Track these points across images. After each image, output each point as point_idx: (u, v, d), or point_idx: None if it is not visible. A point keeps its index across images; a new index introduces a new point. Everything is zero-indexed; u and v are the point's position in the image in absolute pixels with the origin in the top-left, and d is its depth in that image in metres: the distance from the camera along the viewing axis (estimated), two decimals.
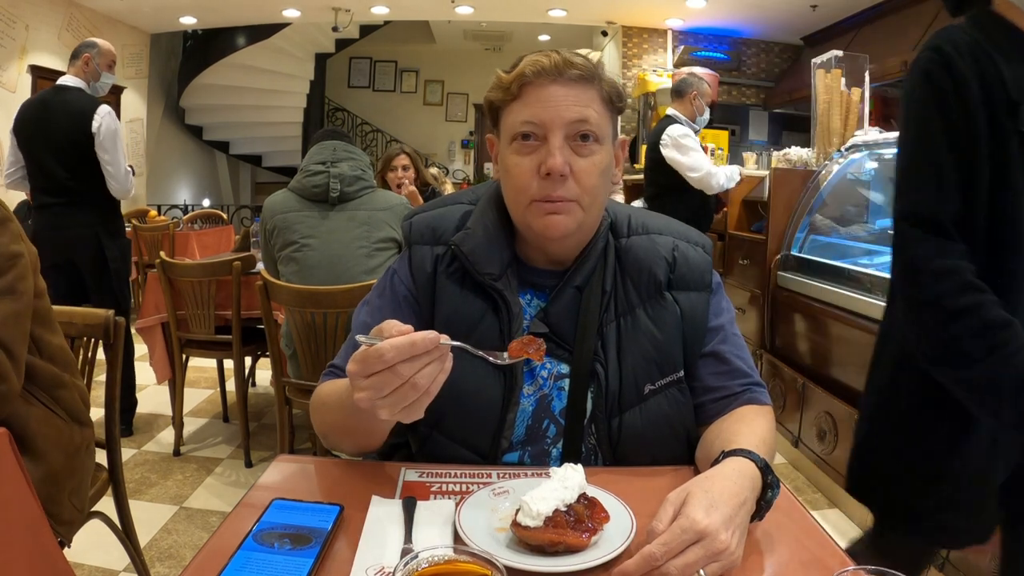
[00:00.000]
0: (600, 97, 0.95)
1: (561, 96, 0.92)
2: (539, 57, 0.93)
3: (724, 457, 0.81)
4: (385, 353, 0.73)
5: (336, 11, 7.27)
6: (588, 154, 0.94)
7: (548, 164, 0.91)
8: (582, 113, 0.93)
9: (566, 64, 0.92)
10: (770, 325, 3.27)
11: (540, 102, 0.93)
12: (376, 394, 0.74)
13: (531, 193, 0.94)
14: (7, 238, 1.26)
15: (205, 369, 4.01)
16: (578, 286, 1.00)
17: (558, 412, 0.99)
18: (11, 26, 5.90)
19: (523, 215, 0.97)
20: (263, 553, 0.69)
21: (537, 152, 0.93)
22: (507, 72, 0.96)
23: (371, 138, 11.36)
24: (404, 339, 0.73)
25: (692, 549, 0.67)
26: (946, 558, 1.90)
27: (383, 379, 0.74)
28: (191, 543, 2.24)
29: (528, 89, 0.94)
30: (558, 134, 0.92)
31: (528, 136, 0.94)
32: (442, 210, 1.07)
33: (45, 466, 1.30)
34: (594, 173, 0.94)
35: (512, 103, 0.95)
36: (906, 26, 5.52)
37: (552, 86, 0.93)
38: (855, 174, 3.15)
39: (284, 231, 2.35)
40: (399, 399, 0.75)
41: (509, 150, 0.96)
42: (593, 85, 0.95)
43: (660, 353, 0.99)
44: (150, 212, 6.50)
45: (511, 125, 0.95)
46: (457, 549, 0.60)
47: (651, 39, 7.46)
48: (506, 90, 0.95)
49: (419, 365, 0.74)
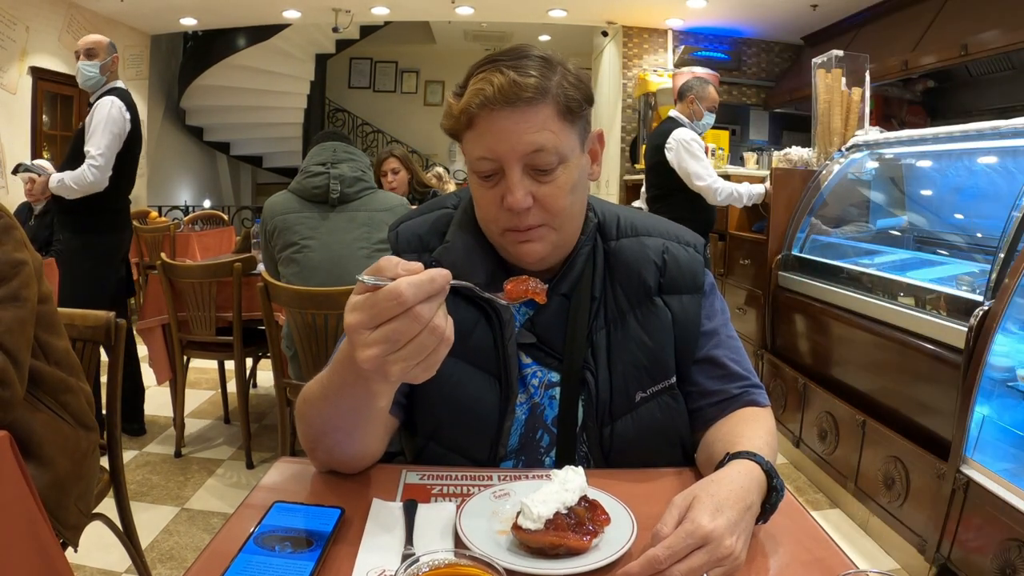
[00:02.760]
0: (556, 112, 0.88)
1: (512, 125, 0.86)
2: (482, 84, 0.86)
3: (729, 459, 0.80)
4: (403, 292, 0.62)
5: (336, 12, 7.27)
6: (551, 180, 0.89)
7: (508, 201, 0.88)
8: (536, 142, 0.86)
9: (512, 87, 0.85)
10: (771, 325, 3.27)
11: (492, 134, 0.87)
12: (390, 347, 0.63)
13: (500, 224, 0.92)
14: (11, 246, 1.27)
15: (206, 370, 4.02)
16: (565, 293, 0.98)
17: (550, 421, 0.98)
18: (11, 28, 5.91)
19: (499, 241, 0.95)
20: (264, 556, 0.69)
21: (498, 185, 0.90)
22: (456, 95, 0.90)
23: (372, 139, 11.36)
24: (423, 275, 0.64)
25: (696, 554, 0.66)
26: (947, 558, 1.90)
27: (399, 326, 0.63)
28: (192, 545, 2.24)
29: (478, 120, 0.88)
30: (515, 167, 0.87)
31: (487, 173, 0.90)
32: (427, 216, 1.05)
33: (52, 472, 1.30)
34: (560, 196, 0.90)
35: (466, 132, 0.90)
36: (906, 26, 5.52)
37: (500, 115, 0.86)
38: (856, 174, 3.15)
39: (284, 232, 2.35)
40: (417, 350, 0.64)
41: (473, 180, 0.93)
42: (546, 101, 0.87)
43: (651, 360, 0.98)
44: (151, 213, 6.51)
45: (469, 156, 0.91)
46: (458, 553, 0.60)
47: (651, 39, 7.46)
48: (456, 119, 0.90)
49: (436, 306, 0.64)
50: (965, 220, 2.76)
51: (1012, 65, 4.71)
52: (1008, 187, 2.21)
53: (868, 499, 2.35)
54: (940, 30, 5.03)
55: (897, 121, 6.04)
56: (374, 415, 0.83)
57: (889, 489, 2.22)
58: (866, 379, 2.54)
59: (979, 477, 1.82)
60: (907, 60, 5.23)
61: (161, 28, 7.99)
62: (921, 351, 2.18)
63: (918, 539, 2.05)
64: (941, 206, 2.92)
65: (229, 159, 10.55)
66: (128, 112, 2.92)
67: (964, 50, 4.64)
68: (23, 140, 6.18)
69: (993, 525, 1.73)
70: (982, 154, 2.49)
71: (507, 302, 0.75)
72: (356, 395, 0.76)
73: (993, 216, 2.28)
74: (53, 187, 2.89)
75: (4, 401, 1.18)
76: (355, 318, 0.65)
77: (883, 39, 5.75)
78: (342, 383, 0.76)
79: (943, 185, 2.91)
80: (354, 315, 0.65)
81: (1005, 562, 1.67)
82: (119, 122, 2.88)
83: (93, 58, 2.93)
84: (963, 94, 5.65)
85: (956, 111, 5.62)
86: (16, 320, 1.23)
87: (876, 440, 2.33)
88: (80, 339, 1.62)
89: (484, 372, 0.96)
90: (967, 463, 1.87)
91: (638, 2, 6.75)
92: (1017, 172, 2.28)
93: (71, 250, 2.98)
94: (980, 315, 1.87)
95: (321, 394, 0.81)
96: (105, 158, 2.84)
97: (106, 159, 2.85)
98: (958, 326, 1.99)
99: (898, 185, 3.13)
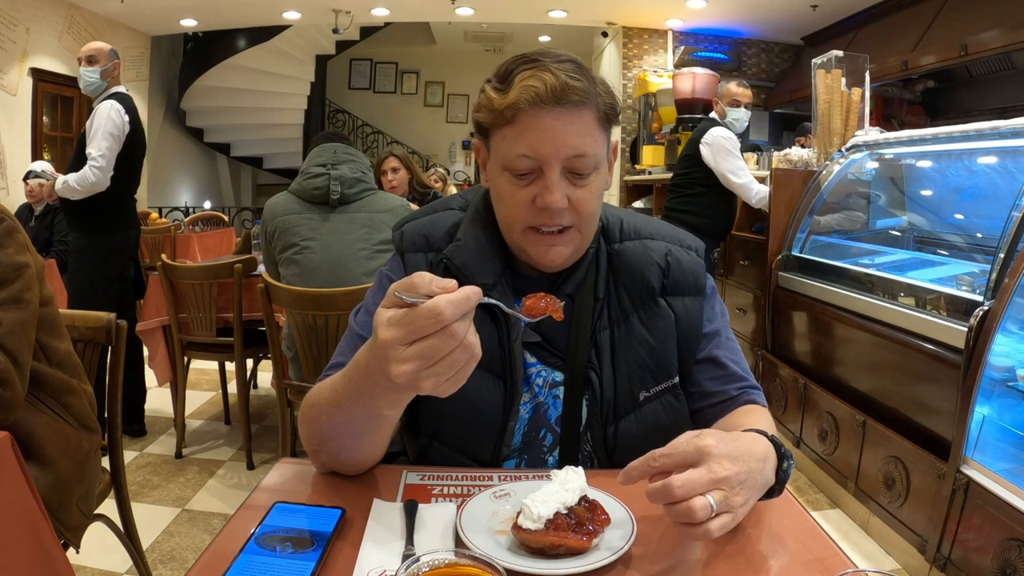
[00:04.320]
0: (596, 118, 0.89)
1: (559, 127, 0.86)
2: (534, 81, 0.85)
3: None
4: (444, 311, 0.62)
5: (336, 13, 7.28)
6: (585, 184, 0.90)
7: (546, 200, 0.88)
8: (580, 146, 0.87)
9: (564, 90, 0.85)
10: (771, 325, 3.27)
11: (536, 132, 0.86)
12: (424, 363, 0.64)
13: (525, 221, 0.91)
14: (13, 248, 1.28)
15: (207, 371, 4.02)
16: (569, 294, 0.98)
17: (554, 420, 0.99)
18: (12, 29, 5.91)
19: (518, 240, 0.94)
20: (265, 556, 0.69)
21: (533, 184, 0.89)
22: (498, 89, 0.89)
23: (372, 140, 11.37)
24: (459, 293, 0.64)
25: (695, 470, 0.68)
26: (948, 557, 1.90)
27: (435, 343, 0.63)
28: (193, 545, 2.24)
29: (522, 116, 0.87)
30: (555, 168, 0.88)
31: (524, 171, 0.89)
32: (433, 217, 1.05)
33: (54, 473, 1.31)
34: (592, 200, 0.91)
35: (504, 127, 0.89)
36: (906, 26, 5.52)
37: (548, 116, 0.86)
38: (856, 174, 3.15)
39: (285, 233, 2.36)
40: (450, 365, 0.65)
41: (502, 177, 0.91)
42: (589, 107, 0.88)
43: (654, 360, 0.98)
44: (151, 214, 6.51)
45: (504, 153, 0.90)
46: (458, 552, 0.60)
47: (651, 40, 7.47)
48: (499, 114, 0.88)
49: (468, 323, 0.65)
50: (965, 220, 2.77)
51: (1012, 65, 4.71)
52: (1008, 187, 2.21)
53: (868, 499, 2.35)
54: (940, 30, 5.04)
55: (897, 121, 6.05)
56: (386, 422, 0.83)
57: (889, 489, 2.22)
58: (866, 379, 2.54)
59: (979, 477, 1.82)
60: (907, 60, 5.23)
61: (161, 29, 8.01)
62: (921, 351, 2.18)
63: (918, 539, 2.05)
64: (941, 206, 2.92)
65: (229, 160, 10.56)
66: (127, 115, 2.98)
67: (964, 50, 4.64)
68: (23, 141, 6.19)
69: (993, 525, 1.74)
70: (982, 154, 2.49)
71: (527, 319, 0.76)
72: (372, 404, 0.75)
73: (993, 216, 2.28)
74: (58, 189, 2.96)
75: (5, 402, 1.18)
76: (391, 334, 0.64)
77: (883, 39, 5.76)
78: (359, 392, 0.76)
79: (943, 185, 2.91)
80: (390, 331, 0.64)
81: (1005, 562, 1.67)
82: (118, 125, 2.95)
83: (94, 64, 3.01)
84: (963, 94, 5.66)
85: (956, 111, 5.63)
86: (18, 322, 1.23)
87: (876, 440, 2.33)
88: (81, 340, 1.63)
89: (489, 372, 0.96)
90: (967, 463, 1.87)
91: (638, 3, 6.76)
92: (1017, 172, 2.29)
93: (78, 249, 3.06)
94: (980, 315, 1.87)
95: (333, 401, 0.81)
96: (106, 159, 2.91)
97: (107, 160, 2.92)
98: (958, 326, 1.99)
99: (898, 185, 3.13)
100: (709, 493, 0.67)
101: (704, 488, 0.67)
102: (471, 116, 0.96)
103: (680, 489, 0.66)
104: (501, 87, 0.89)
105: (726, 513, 0.68)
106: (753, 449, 0.74)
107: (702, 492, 0.66)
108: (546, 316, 0.76)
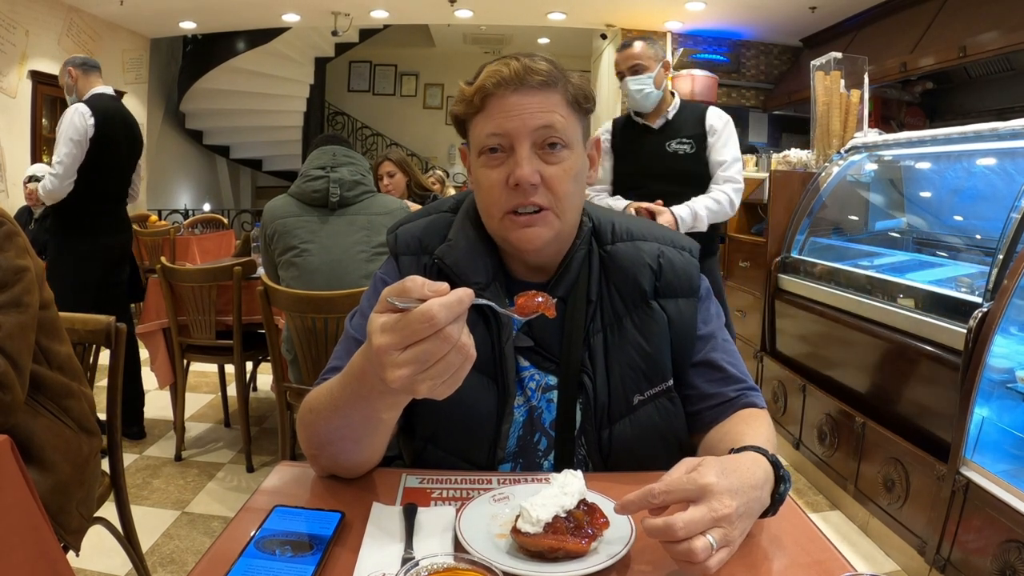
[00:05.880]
0: (566, 101, 0.93)
1: (524, 104, 0.90)
2: (499, 67, 0.91)
3: (733, 453, 0.81)
4: (436, 314, 0.63)
5: (335, 15, 7.29)
6: (557, 161, 0.92)
7: (516, 175, 0.89)
8: (547, 119, 0.90)
9: (527, 71, 0.90)
10: (770, 327, 3.27)
11: (503, 112, 0.91)
12: (419, 367, 0.64)
13: (503, 205, 0.92)
14: (13, 252, 1.28)
15: (206, 374, 4.02)
16: (562, 297, 0.98)
17: (548, 424, 0.99)
18: (11, 31, 5.92)
19: (498, 228, 0.95)
20: (265, 560, 0.69)
21: (505, 164, 0.92)
22: (469, 83, 0.94)
23: (371, 142, 11.38)
24: (452, 296, 0.64)
25: (696, 508, 0.67)
26: (947, 559, 1.90)
27: (430, 347, 0.64)
28: (193, 548, 2.24)
29: (490, 100, 0.92)
30: (524, 143, 0.90)
31: (495, 149, 0.92)
32: (426, 220, 1.06)
33: (54, 477, 1.31)
34: (565, 179, 0.92)
35: (476, 116, 0.94)
36: (905, 28, 5.53)
37: (514, 95, 0.90)
38: (855, 176, 3.16)
39: (284, 236, 2.36)
40: (445, 368, 0.65)
41: (478, 163, 0.94)
42: (557, 89, 0.92)
43: (648, 363, 0.98)
44: (151, 217, 6.51)
45: (478, 138, 0.94)
46: (457, 556, 0.60)
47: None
48: (469, 103, 0.94)
49: (462, 325, 0.66)
50: (964, 222, 2.77)
51: (1011, 66, 4.72)
52: (1007, 188, 2.22)
53: (868, 501, 2.35)
54: (938, 32, 5.04)
55: (896, 123, 6.06)
56: (384, 426, 0.84)
57: (889, 491, 2.22)
58: (866, 381, 2.54)
59: (979, 479, 1.82)
60: (906, 62, 5.24)
61: (161, 32, 8.01)
62: (920, 353, 2.19)
63: (918, 541, 2.05)
64: (940, 208, 2.92)
65: (229, 162, 10.56)
66: (93, 118, 2.93)
67: (962, 52, 4.65)
68: (23, 144, 6.19)
69: (993, 526, 1.74)
70: (981, 156, 2.50)
71: (520, 318, 0.76)
72: (369, 408, 0.76)
73: (992, 218, 2.28)
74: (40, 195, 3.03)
75: (5, 405, 1.18)
76: (385, 340, 0.65)
77: (882, 41, 5.76)
78: (356, 396, 0.76)
79: (942, 187, 2.91)
80: (384, 336, 0.65)
81: (1005, 563, 1.67)
82: (79, 129, 2.91)
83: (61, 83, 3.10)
84: (962, 96, 5.67)
85: (955, 113, 5.63)
86: (18, 326, 1.23)
87: (876, 442, 2.33)
88: (80, 343, 1.63)
89: (481, 375, 0.96)
90: (967, 465, 1.87)
91: (637, 5, 6.76)
92: (1016, 174, 2.29)
93: (52, 254, 3.08)
94: (979, 317, 1.88)
95: (330, 405, 0.81)
96: (63, 166, 2.91)
97: (64, 167, 2.91)
98: (957, 328, 2.00)
99: (897, 187, 3.14)
100: (709, 532, 0.66)
101: (705, 527, 0.66)
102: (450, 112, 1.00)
103: (683, 531, 0.65)
104: (471, 80, 0.95)
105: (724, 548, 0.67)
106: (753, 476, 0.74)
107: (703, 531, 0.66)
108: (539, 314, 0.76)
